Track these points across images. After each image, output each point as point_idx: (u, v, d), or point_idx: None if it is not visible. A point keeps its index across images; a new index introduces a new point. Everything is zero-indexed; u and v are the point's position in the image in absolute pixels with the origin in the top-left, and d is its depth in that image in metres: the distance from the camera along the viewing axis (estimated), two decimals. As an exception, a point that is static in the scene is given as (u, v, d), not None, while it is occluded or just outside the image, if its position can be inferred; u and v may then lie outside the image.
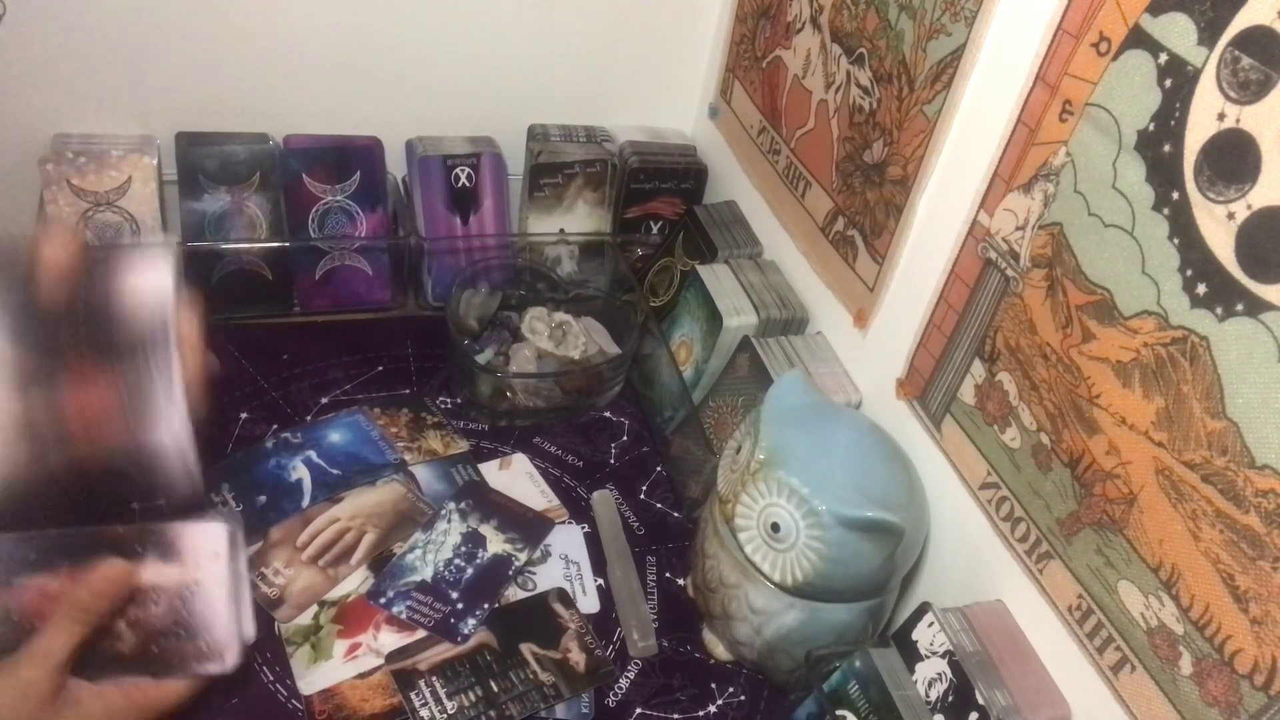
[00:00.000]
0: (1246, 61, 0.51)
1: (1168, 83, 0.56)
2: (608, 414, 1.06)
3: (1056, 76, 0.65)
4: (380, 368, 1.03)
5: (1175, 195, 0.56)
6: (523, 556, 0.86)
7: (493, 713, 0.73)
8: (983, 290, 0.74)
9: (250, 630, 0.59)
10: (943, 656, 0.68)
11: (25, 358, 0.50)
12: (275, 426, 0.93)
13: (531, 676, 0.77)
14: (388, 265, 1.11)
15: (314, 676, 0.74)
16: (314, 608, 0.79)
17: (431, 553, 0.84)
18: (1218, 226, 0.54)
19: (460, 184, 1.11)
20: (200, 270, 1.03)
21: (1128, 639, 0.62)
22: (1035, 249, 0.68)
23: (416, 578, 0.82)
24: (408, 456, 0.93)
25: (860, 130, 0.89)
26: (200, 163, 1.02)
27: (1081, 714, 0.67)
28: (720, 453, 0.83)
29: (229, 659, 0.57)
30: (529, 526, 0.89)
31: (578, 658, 0.79)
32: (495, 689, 0.75)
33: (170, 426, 0.52)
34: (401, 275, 1.13)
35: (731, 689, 0.82)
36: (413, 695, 0.73)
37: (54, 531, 0.56)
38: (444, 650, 0.77)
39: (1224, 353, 0.54)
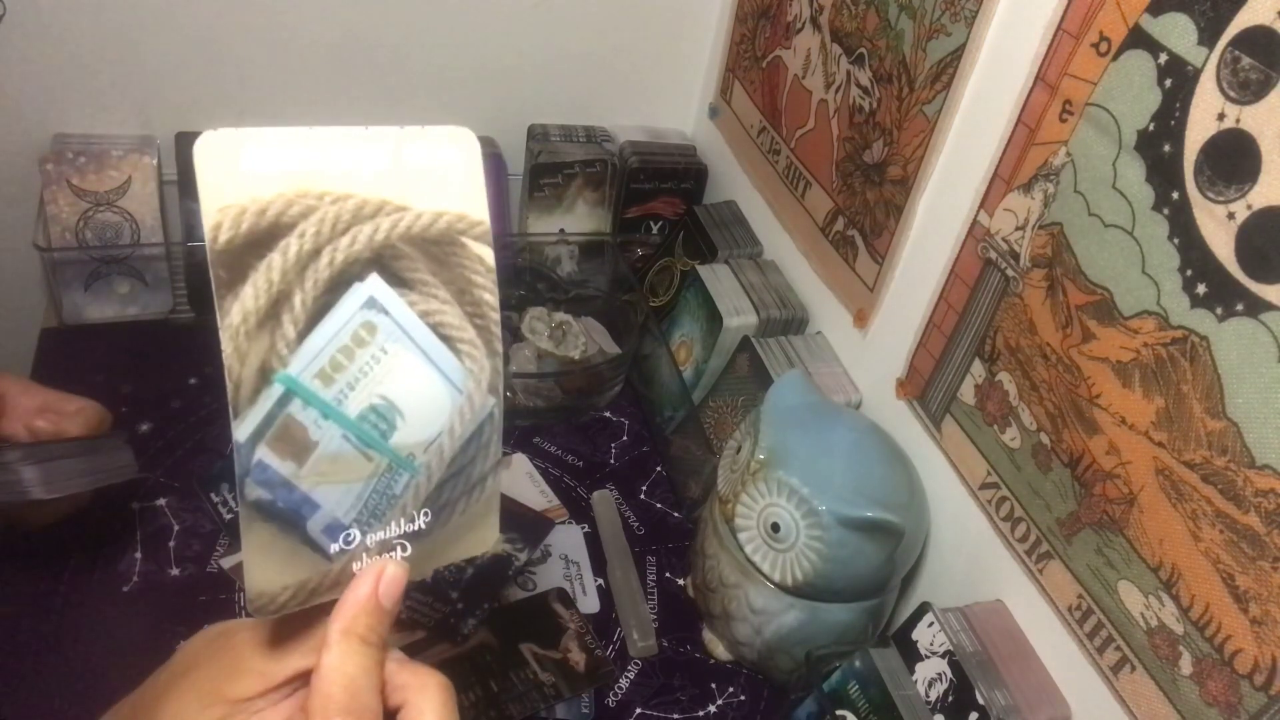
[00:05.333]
0: (1246, 61, 0.51)
1: (1168, 83, 0.56)
2: (608, 414, 1.06)
3: (1056, 76, 0.65)
4: (380, 368, 1.03)
5: (1175, 195, 0.56)
6: (523, 556, 0.86)
7: (493, 713, 0.73)
8: (983, 290, 0.74)
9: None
10: (943, 656, 0.68)
11: None
12: (275, 426, 0.93)
13: (531, 676, 0.77)
14: (388, 265, 1.11)
15: (314, 676, 0.74)
16: (314, 608, 0.79)
17: (431, 553, 0.84)
18: (1218, 226, 0.54)
19: (460, 184, 1.11)
20: (201, 270, 1.02)
21: (1128, 639, 0.62)
22: (1035, 249, 0.68)
23: (416, 578, 0.82)
24: (408, 456, 0.93)
25: (860, 130, 0.89)
26: (200, 163, 1.02)
27: (1081, 714, 0.67)
28: (720, 453, 0.83)
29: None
30: (529, 526, 0.89)
31: (578, 658, 0.79)
32: (495, 689, 0.75)
33: None
34: (401, 275, 1.12)
35: (731, 689, 0.82)
36: (413, 695, 0.73)
37: None
38: (444, 650, 0.77)
39: (1224, 353, 0.54)
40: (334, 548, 0.39)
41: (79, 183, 0.97)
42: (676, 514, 0.96)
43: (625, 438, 1.03)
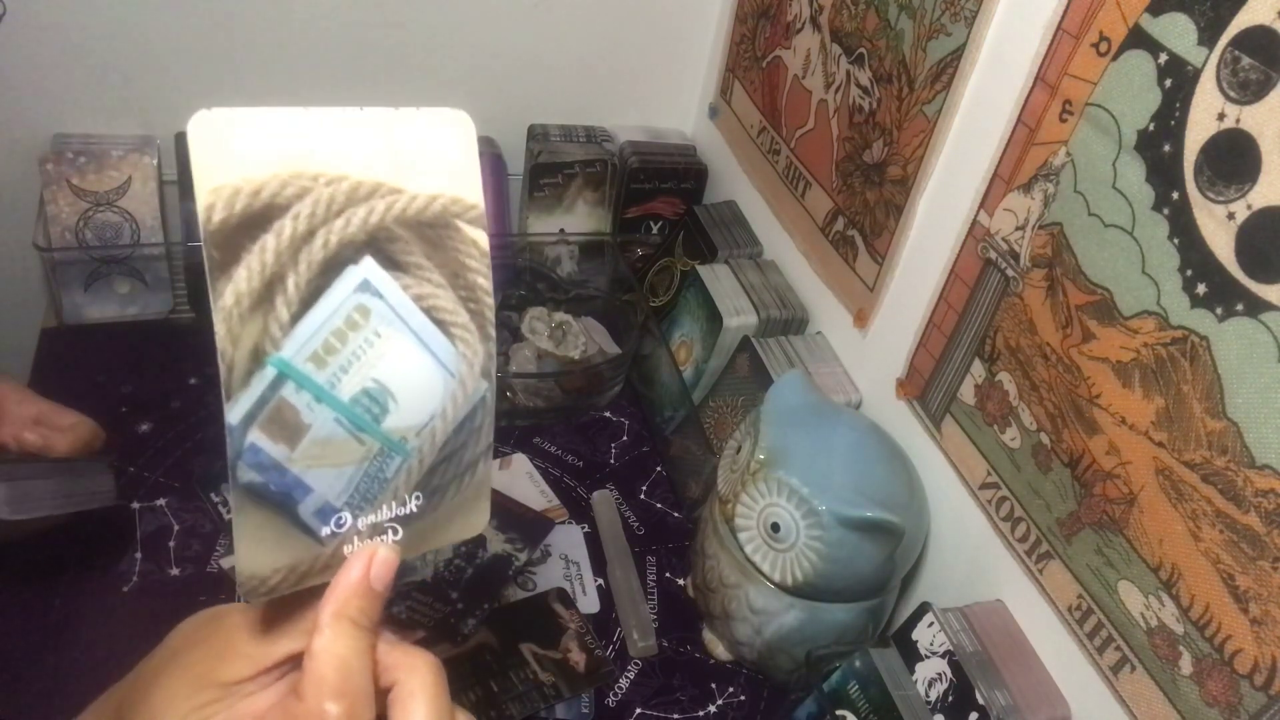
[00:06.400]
0: (1246, 61, 0.51)
1: (1168, 83, 0.56)
2: (608, 414, 1.06)
3: (1056, 76, 0.65)
4: (380, 368, 1.03)
5: (1175, 195, 0.56)
6: (523, 556, 0.86)
7: (493, 713, 0.73)
8: (983, 290, 0.74)
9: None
10: (943, 656, 0.68)
11: None
12: (275, 426, 0.93)
13: (531, 676, 0.77)
14: (388, 265, 1.11)
15: (314, 676, 0.74)
16: (314, 608, 0.79)
17: (432, 553, 0.84)
18: (1218, 226, 0.54)
19: (460, 184, 1.11)
20: (201, 271, 1.02)
21: (1128, 639, 0.62)
22: (1035, 249, 0.68)
23: (416, 578, 0.82)
24: (408, 456, 0.93)
25: (860, 130, 0.89)
26: (200, 163, 1.02)
27: (1081, 714, 0.67)
28: (720, 453, 0.83)
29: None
30: (529, 526, 0.89)
31: (578, 658, 0.79)
32: (495, 689, 0.75)
33: None
34: (401, 275, 1.12)
35: (731, 689, 0.81)
36: (413, 695, 0.73)
37: None
38: (444, 650, 0.77)
39: (1224, 353, 0.54)
40: (325, 531, 0.39)
41: (79, 183, 0.97)
42: (676, 514, 0.96)
43: (625, 438, 1.03)
